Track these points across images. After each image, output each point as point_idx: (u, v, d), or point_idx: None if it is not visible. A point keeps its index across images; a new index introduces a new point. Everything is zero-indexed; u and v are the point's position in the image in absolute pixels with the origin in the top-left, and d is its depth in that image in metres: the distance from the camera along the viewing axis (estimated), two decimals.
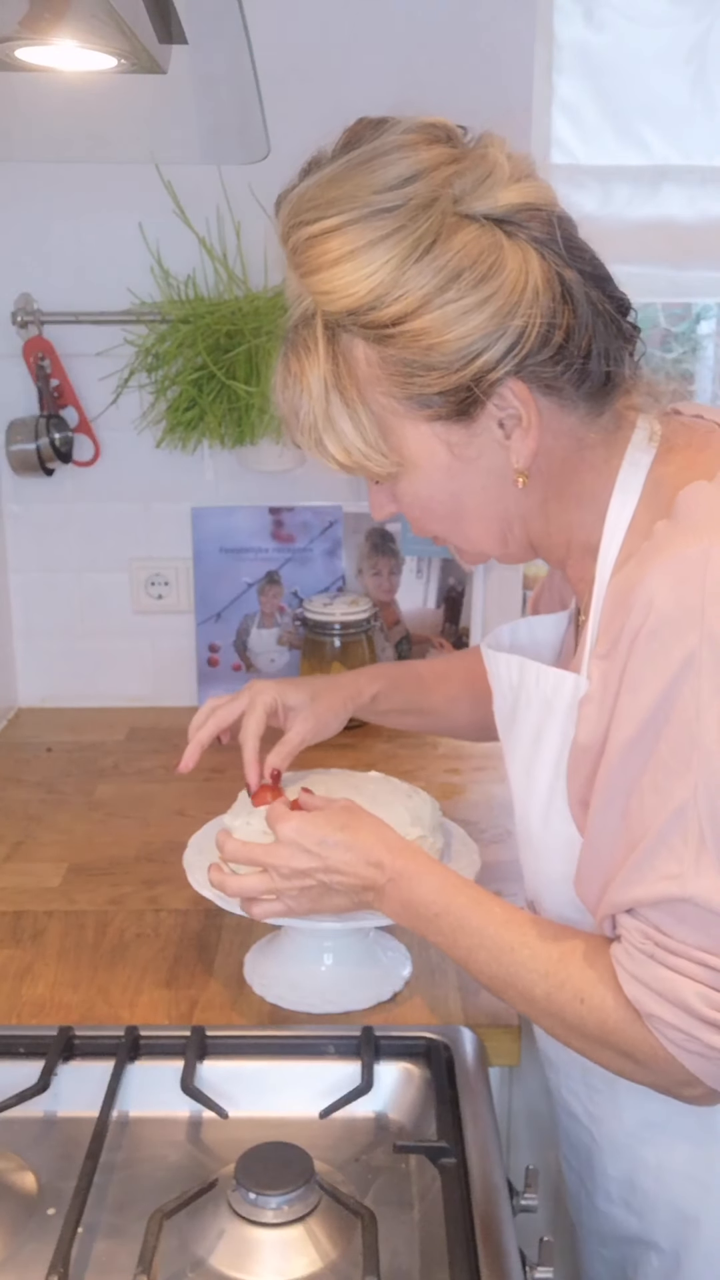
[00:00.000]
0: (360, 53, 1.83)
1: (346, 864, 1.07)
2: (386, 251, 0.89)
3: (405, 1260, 0.94)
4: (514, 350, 0.90)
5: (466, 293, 0.89)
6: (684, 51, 1.92)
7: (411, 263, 0.89)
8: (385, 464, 0.97)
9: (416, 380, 0.92)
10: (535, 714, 1.03)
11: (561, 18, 1.90)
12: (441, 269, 0.88)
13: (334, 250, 0.91)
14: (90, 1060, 1.12)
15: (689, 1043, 0.89)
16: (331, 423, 0.96)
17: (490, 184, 0.91)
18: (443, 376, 0.91)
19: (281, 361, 1.00)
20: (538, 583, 1.27)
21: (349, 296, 0.91)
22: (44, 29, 1.02)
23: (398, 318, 0.90)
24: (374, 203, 0.90)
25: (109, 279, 1.88)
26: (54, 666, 2.08)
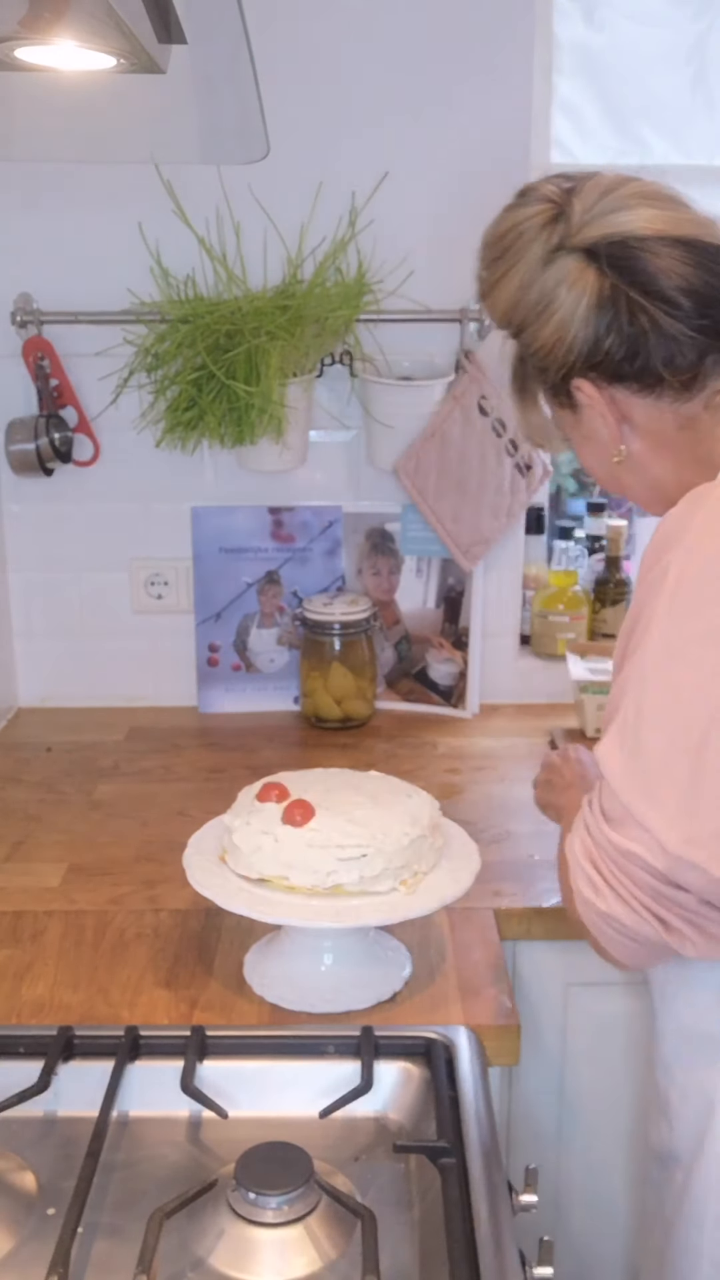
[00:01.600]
0: (360, 53, 1.83)
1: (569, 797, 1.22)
2: (506, 284, 1.11)
3: (405, 1260, 0.94)
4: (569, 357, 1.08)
5: (542, 313, 1.09)
6: (684, 51, 1.93)
7: (519, 292, 1.10)
8: (560, 441, 1.21)
9: (538, 379, 1.15)
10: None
11: (561, 18, 1.90)
12: (531, 298, 1.09)
13: (482, 283, 1.15)
14: (90, 1060, 1.12)
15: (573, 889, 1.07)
16: (526, 415, 1.22)
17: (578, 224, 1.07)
18: (544, 376, 1.13)
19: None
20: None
21: (492, 315, 1.16)
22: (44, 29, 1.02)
23: (516, 332, 1.13)
24: (494, 252, 1.13)
25: (109, 279, 1.88)
26: (54, 666, 2.08)
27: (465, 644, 2.06)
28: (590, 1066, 1.49)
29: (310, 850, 1.20)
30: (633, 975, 1.46)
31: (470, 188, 1.88)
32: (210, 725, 2.04)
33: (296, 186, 1.85)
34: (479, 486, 1.95)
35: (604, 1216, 1.55)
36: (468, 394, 1.91)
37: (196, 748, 1.94)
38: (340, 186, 1.86)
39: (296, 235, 1.87)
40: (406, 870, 1.22)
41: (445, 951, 1.33)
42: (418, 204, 1.88)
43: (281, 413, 1.82)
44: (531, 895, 1.45)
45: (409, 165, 1.87)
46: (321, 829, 1.21)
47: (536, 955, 1.46)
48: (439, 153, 1.88)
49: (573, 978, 1.46)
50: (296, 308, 1.80)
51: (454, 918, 1.39)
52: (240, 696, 2.08)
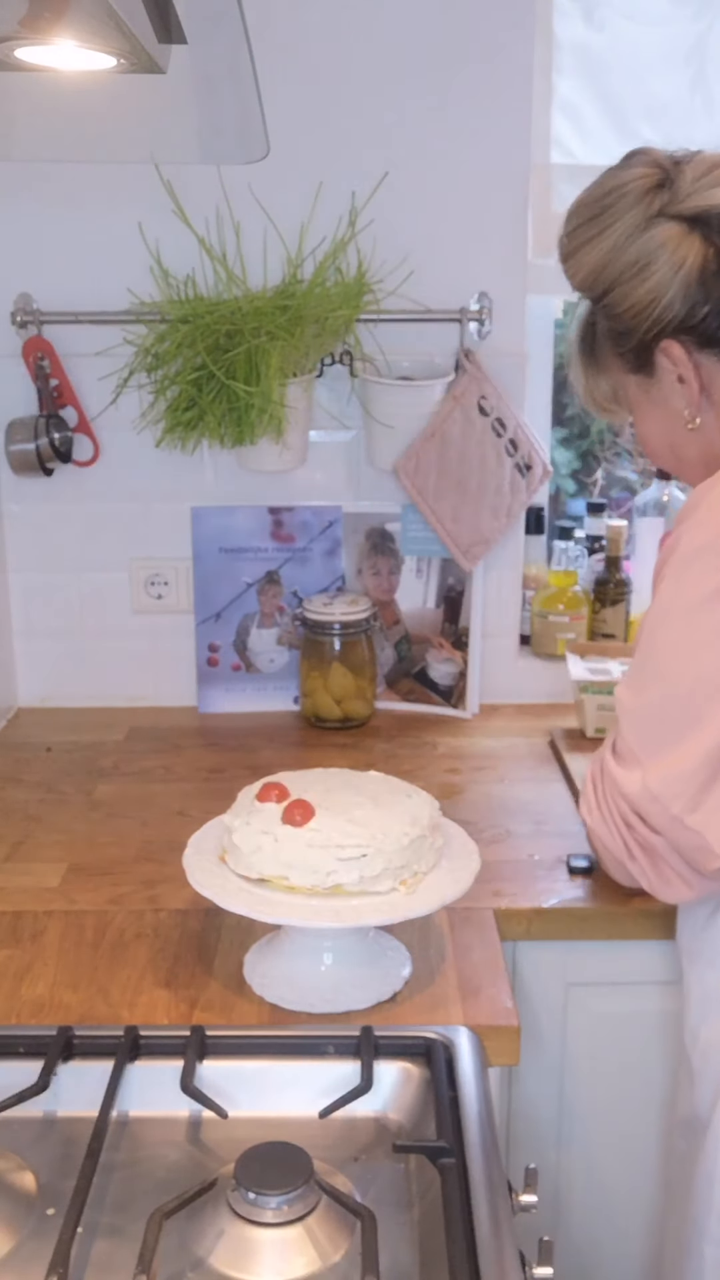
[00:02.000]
0: (360, 53, 1.83)
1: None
2: (599, 245, 1.15)
3: (405, 1260, 0.94)
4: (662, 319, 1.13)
5: (635, 277, 1.13)
6: (684, 51, 1.92)
7: (614, 253, 1.14)
8: (620, 410, 1.26)
9: (619, 341, 1.19)
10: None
11: (561, 18, 1.90)
12: (627, 260, 1.13)
13: (570, 242, 1.19)
14: (90, 1060, 1.12)
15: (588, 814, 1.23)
16: (588, 381, 1.26)
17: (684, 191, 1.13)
18: (628, 339, 1.17)
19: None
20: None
21: (574, 277, 1.20)
22: (44, 29, 1.02)
23: (603, 293, 1.17)
24: (591, 211, 1.17)
25: (108, 279, 1.89)
26: (54, 666, 2.08)
27: (465, 644, 2.06)
28: (590, 1066, 1.49)
29: (310, 850, 1.20)
30: (633, 975, 1.46)
31: (470, 188, 1.89)
32: (210, 725, 2.04)
33: (296, 186, 1.85)
34: (479, 486, 1.95)
35: (604, 1216, 1.55)
36: (468, 394, 1.91)
37: (196, 748, 1.94)
38: (340, 186, 1.86)
39: (296, 235, 1.87)
40: (406, 870, 1.22)
41: (445, 951, 1.33)
42: (418, 204, 1.88)
43: (281, 413, 1.82)
44: (531, 895, 1.45)
45: (409, 165, 1.87)
46: (321, 829, 1.21)
47: (536, 955, 1.46)
48: (439, 153, 1.88)
49: (573, 978, 1.46)
50: (296, 308, 1.80)
51: (454, 918, 1.39)
52: (240, 696, 2.08)
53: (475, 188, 1.88)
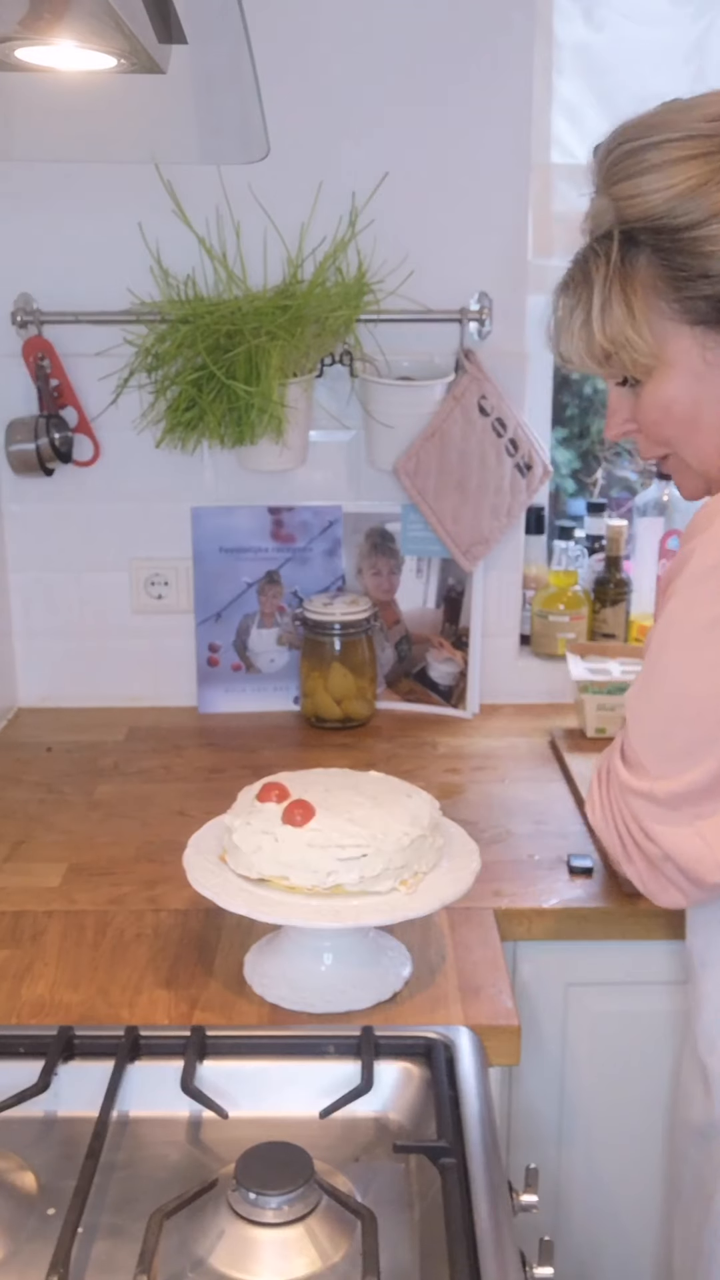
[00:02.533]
0: (360, 53, 1.83)
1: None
2: (692, 170, 1.02)
3: (405, 1260, 0.94)
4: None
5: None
6: (684, 51, 1.92)
7: (711, 185, 1.01)
8: (645, 353, 1.07)
9: (690, 285, 1.04)
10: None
11: (561, 18, 1.90)
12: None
13: (649, 160, 1.04)
14: (90, 1060, 1.12)
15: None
16: (606, 311, 1.07)
17: None
18: (715, 283, 1.03)
19: (566, 273, 1.12)
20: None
21: (649, 202, 1.04)
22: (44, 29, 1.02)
23: (687, 225, 1.02)
24: (694, 129, 1.03)
25: (109, 279, 1.89)
26: (54, 666, 2.08)
27: (465, 644, 2.06)
28: (590, 1066, 1.49)
29: (310, 850, 1.20)
30: (633, 975, 1.46)
31: (470, 188, 1.89)
32: (210, 725, 2.04)
33: (296, 186, 1.85)
34: (479, 486, 1.95)
35: (605, 1216, 1.55)
36: (468, 394, 1.91)
37: (196, 748, 1.94)
38: (340, 186, 1.86)
39: (296, 235, 1.87)
40: (406, 870, 1.22)
41: (445, 951, 1.33)
42: (418, 204, 1.88)
43: (281, 413, 1.82)
44: (531, 895, 1.45)
45: (409, 165, 1.87)
46: (322, 829, 1.21)
47: (536, 955, 1.46)
48: (439, 152, 1.88)
49: (573, 978, 1.46)
50: (296, 308, 1.80)
51: (454, 918, 1.39)
52: (240, 696, 2.08)
53: (475, 188, 1.88)
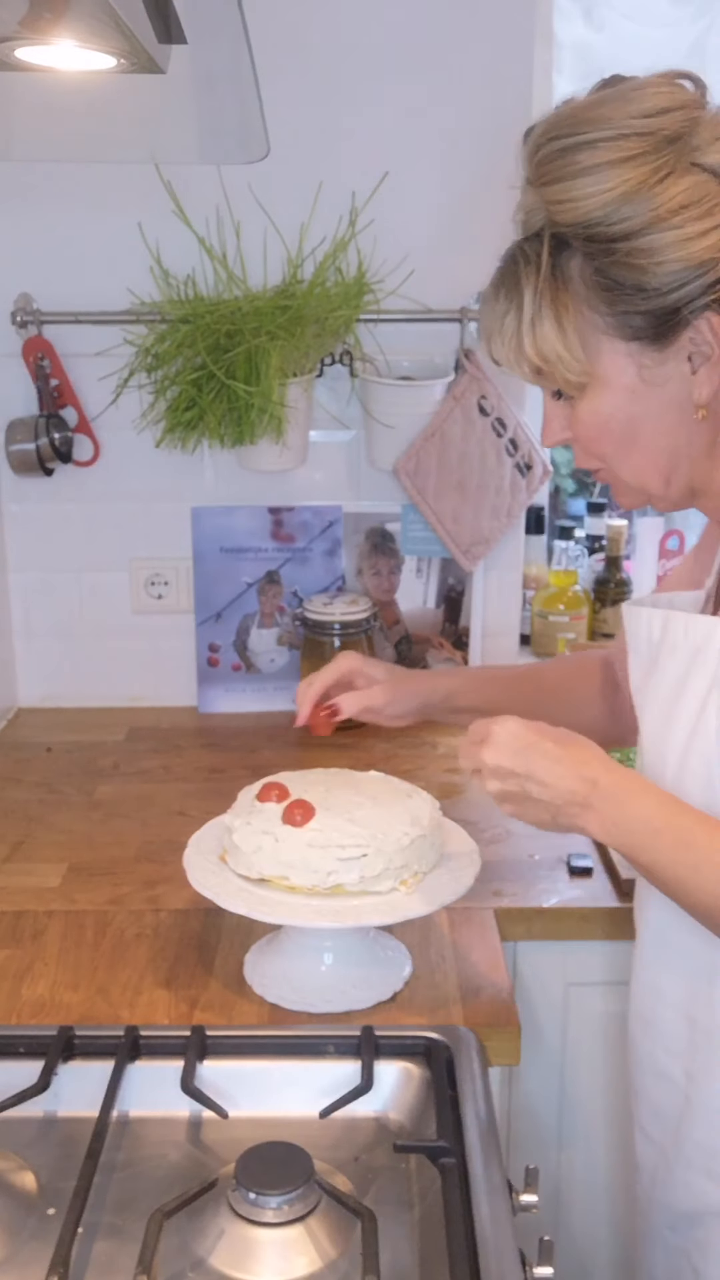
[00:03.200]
0: (360, 53, 1.83)
1: (553, 775, 1.03)
2: (627, 173, 0.95)
3: (405, 1260, 0.94)
4: (717, 285, 0.96)
5: (688, 224, 0.95)
6: (684, 51, 1.92)
7: (648, 188, 0.95)
8: (577, 371, 1.02)
9: (625, 299, 0.98)
10: (680, 662, 1.07)
11: (561, 18, 1.90)
12: (670, 200, 0.95)
13: (581, 162, 0.96)
14: (90, 1060, 1.12)
15: None
16: (536, 326, 1.01)
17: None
18: (649, 299, 0.97)
19: (497, 274, 1.05)
20: (678, 559, 1.29)
21: (582, 208, 0.97)
22: (44, 29, 1.02)
23: (622, 235, 0.96)
24: (627, 126, 0.96)
25: (109, 279, 1.88)
26: (54, 666, 2.08)
27: (465, 644, 2.06)
28: (590, 1066, 1.49)
29: (310, 850, 1.20)
30: None
31: (470, 187, 1.89)
32: (210, 725, 2.04)
33: (296, 186, 1.85)
34: (479, 486, 1.95)
35: (604, 1216, 1.55)
36: (468, 394, 1.91)
37: (196, 748, 1.94)
38: (340, 186, 1.86)
39: (296, 235, 1.87)
40: (406, 870, 1.22)
41: (445, 951, 1.33)
42: (418, 204, 1.88)
43: (281, 413, 1.82)
44: (531, 895, 1.45)
45: (409, 165, 1.87)
46: (322, 829, 1.21)
47: (536, 955, 1.46)
48: (439, 152, 1.88)
49: (573, 978, 1.46)
50: (296, 308, 1.80)
51: (454, 918, 1.39)
52: (240, 696, 2.08)
53: (475, 187, 1.88)
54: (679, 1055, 1.13)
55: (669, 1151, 1.16)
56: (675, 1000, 1.12)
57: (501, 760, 1.05)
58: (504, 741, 1.05)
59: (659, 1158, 1.17)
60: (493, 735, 1.06)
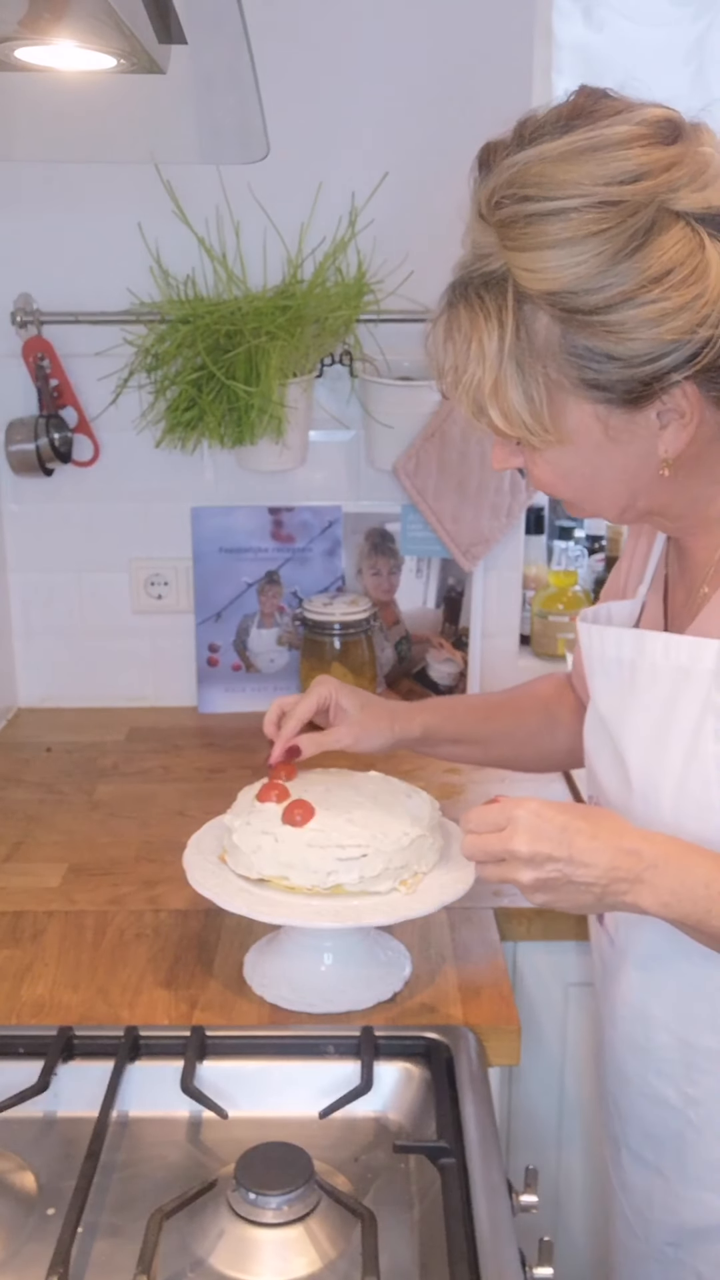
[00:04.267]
0: (360, 53, 1.83)
1: (593, 853, 0.95)
2: (601, 245, 0.90)
3: (405, 1260, 0.94)
4: (696, 359, 0.92)
5: (668, 295, 0.90)
6: (683, 51, 1.93)
7: (622, 259, 0.90)
8: (544, 438, 0.99)
9: (595, 366, 0.94)
10: (664, 685, 1.05)
11: (561, 18, 1.91)
12: (645, 270, 0.90)
13: (551, 234, 0.92)
14: (90, 1060, 1.12)
15: None
16: (499, 392, 0.97)
17: (702, 184, 0.92)
18: (623, 369, 0.93)
19: (450, 313, 1.00)
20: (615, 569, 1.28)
21: (553, 281, 0.92)
22: (44, 29, 1.02)
23: (596, 308, 0.92)
24: (600, 195, 0.91)
25: (108, 279, 1.88)
26: (54, 666, 2.08)
27: (465, 644, 2.06)
28: (590, 1066, 1.49)
29: (310, 850, 1.20)
30: None
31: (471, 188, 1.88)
32: (210, 725, 2.04)
33: (296, 186, 1.85)
34: (479, 487, 1.95)
35: (604, 1217, 1.55)
36: None
37: (196, 748, 1.94)
38: (340, 186, 1.86)
39: (296, 235, 1.87)
40: (406, 870, 1.22)
41: (445, 951, 1.33)
42: (418, 204, 1.88)
43: (281, 413, 1.82)
44: None
45: (409, 165, 1.87)
46: (322, 829, 1.21)
47: (536, 955, 1.46)
48: (439, 152, 1.87)
49: (573, 978, 1.46)
50: (296, 308, 1.80)
51: (454, 918, 1.39)
52: (240, 696, 2.08)
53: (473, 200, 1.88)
54: (674, 1079, 1.12)
55: (669, 1172, 1.15)
56: (667, 1024, 1.11)
57: (539, 847, 0.95)
58: (534, 826, 0.96)
59: (655, 1178, 1.17)
60: (518, 820, 0.96)
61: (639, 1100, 1.17)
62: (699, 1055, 1.09)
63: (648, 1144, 1.17)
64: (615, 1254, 1.28)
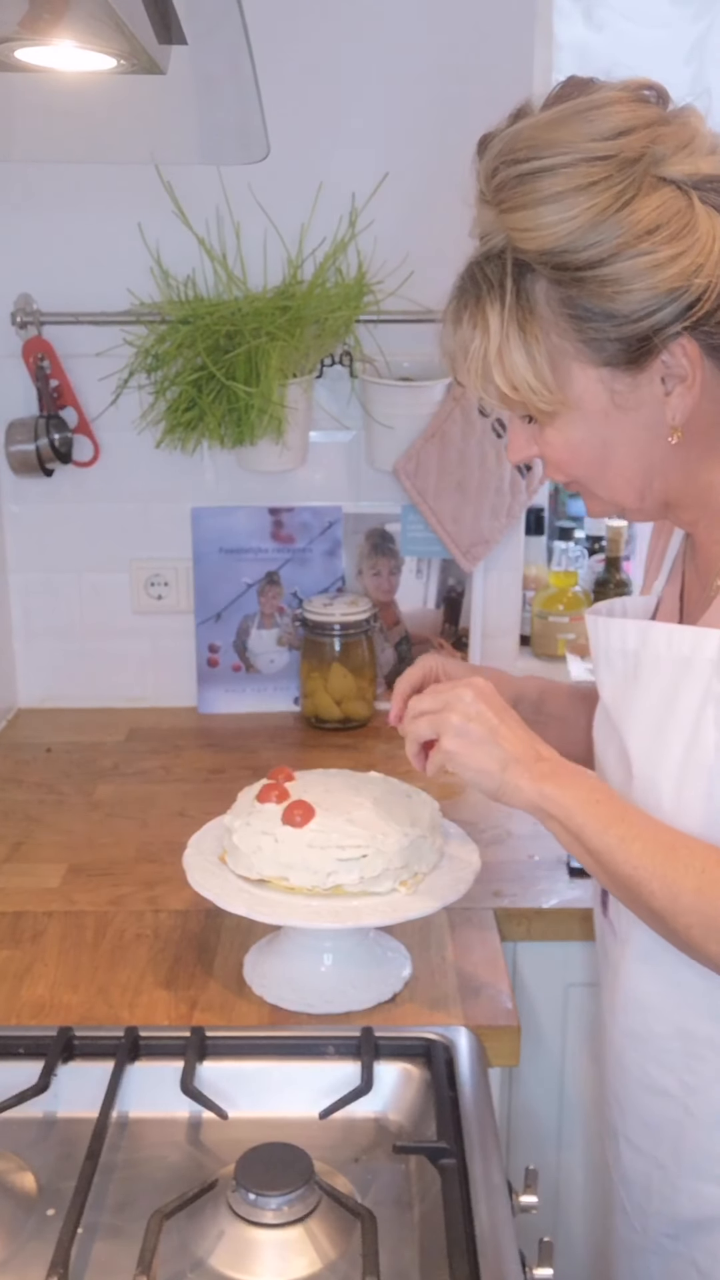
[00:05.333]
0: (360, 54, 1.83)
1: (515, 733, 1.08)
2: (591, 198, 0.92)
3: (405, 1261, 0.94)
4: (693, 309, 0.93)
5: (658, 248, 0.92)
6: (683, 52, 1.93)
7: (612, 212, 0.92)
8: (550, 400, 1.00)
9: (595, 326, 0.95)
10: (665, 675, 1.06)
11: (561, 18, 1.91)
12: (637, 223, 0.92)
13: (543, 190, 0.94)
14: (90, 1061, 1.12)
15: None
16: (504, 356, 0.99)
17: (690, 151, 0.95)
18: (621, 325, 0.94)
19: (457, 298, 1.03)
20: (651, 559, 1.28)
21: (547, 237, 0.94)
22: (44, 30, 1.02)
23: (590, 263, 0.93)
24: (588, 150, 0.93)
25: (109, 279, 1.89)
26: (54, 667, 2.08)
27: (465, 644, 2.06)
28: (590, 1066, 1.49)
29: (310, 851, 1.20)
30: None
31: (470, 188, 1.88)
32: (210, 726, 2.04)
33: (296, 187, 1.85)
34: (479, 487, 1.96)
35: (604, 1217, 1.55)
36: (468, 394, 1.91)
37: (196, 748, 1.94)
38: (340, 187, 1.86)
39: (296, 236, 1.87)
40: (406, 871, 1.22)
41: (445, 952, 1.33)
42: (418, 205, 1.88)
43: (281, 413, 1.82)
44: (531, 895, 1.45)
45: (409, 166, 1.87)
46: (321, 830, 1.21)
47: (536, 955, 1.46)
48: (439, 153, 1.87)
49: (573, 978, 1.46)
50: (296, 308, 1.80)
51: (454, 918, 1.39)
52: (240, 697, 2.08)
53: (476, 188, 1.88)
54: (673, 1068, 1.12)
55: (667, 1162, 1.15)
56: (666, 1013, 1.11)
57: (480, 701, 1.09)
58: (487, 690, 1.10)
59: (654, 1169, 1.17)
60: (475, 681, 1.10)
61: (638, 1090, 1.17)
62: (698, 1044, 1.10)
63: (646, 1134, 1.17)
64: (615, 1248, 1.28)
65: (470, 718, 1.08)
